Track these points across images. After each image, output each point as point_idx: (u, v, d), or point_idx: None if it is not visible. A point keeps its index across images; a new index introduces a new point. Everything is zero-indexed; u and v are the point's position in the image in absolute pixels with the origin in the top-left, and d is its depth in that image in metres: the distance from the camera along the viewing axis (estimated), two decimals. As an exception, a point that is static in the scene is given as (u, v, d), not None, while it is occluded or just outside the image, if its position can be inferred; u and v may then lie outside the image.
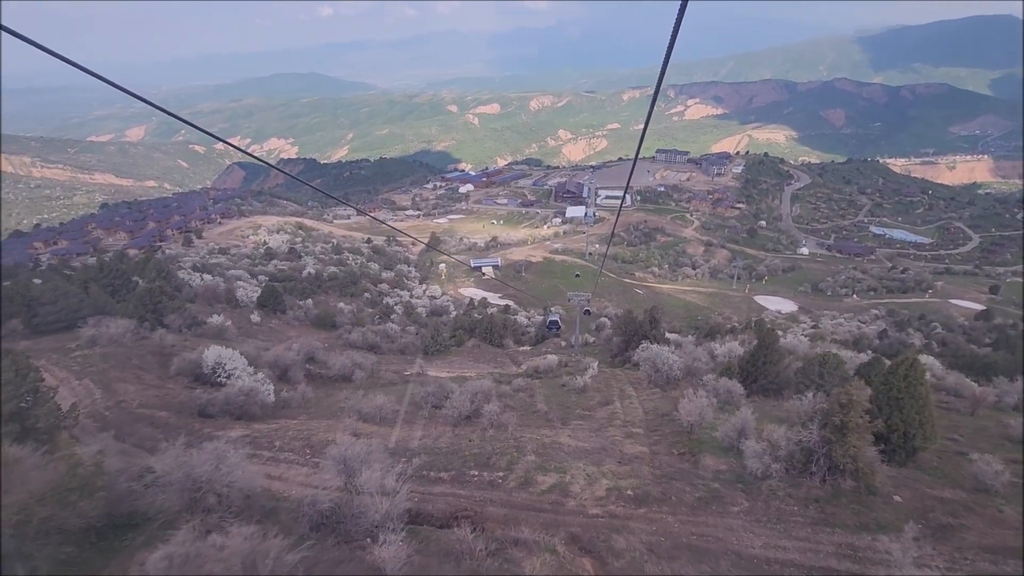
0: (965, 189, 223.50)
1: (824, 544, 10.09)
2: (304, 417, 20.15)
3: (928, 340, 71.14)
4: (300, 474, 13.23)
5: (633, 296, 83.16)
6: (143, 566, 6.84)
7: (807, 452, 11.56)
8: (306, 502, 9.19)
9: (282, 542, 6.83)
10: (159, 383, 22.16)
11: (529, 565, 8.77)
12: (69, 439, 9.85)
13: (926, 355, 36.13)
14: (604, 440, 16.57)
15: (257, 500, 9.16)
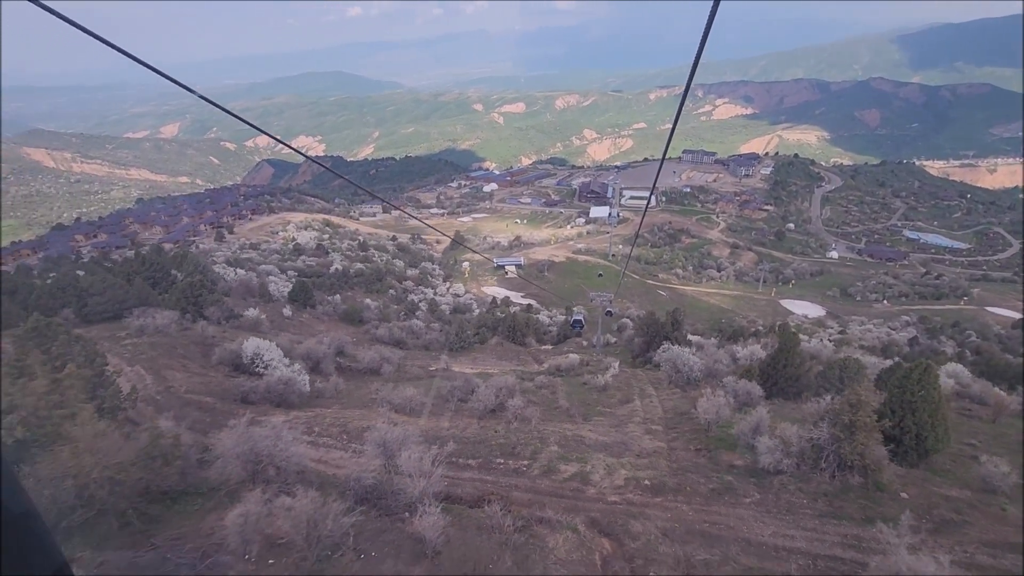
0: (1006, 193, 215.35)
1: (830, 535, 10.69)
2: (338, 407, 21.34)
3: (961, 348, 69.43)
4: (339, 457, 14.33)
5: (656, 298, 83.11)
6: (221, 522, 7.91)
7: (817, 449, 12.15)
8: (352, 478, 10.21)
9: (340, 506, 7.83)
10: (203, 371, 23.67)
11: (553, 541, 9.64)
12: (153, 413, 11.05)
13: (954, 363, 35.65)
14: (624, 435, 17.32)
15: (308, 475, 10.22)
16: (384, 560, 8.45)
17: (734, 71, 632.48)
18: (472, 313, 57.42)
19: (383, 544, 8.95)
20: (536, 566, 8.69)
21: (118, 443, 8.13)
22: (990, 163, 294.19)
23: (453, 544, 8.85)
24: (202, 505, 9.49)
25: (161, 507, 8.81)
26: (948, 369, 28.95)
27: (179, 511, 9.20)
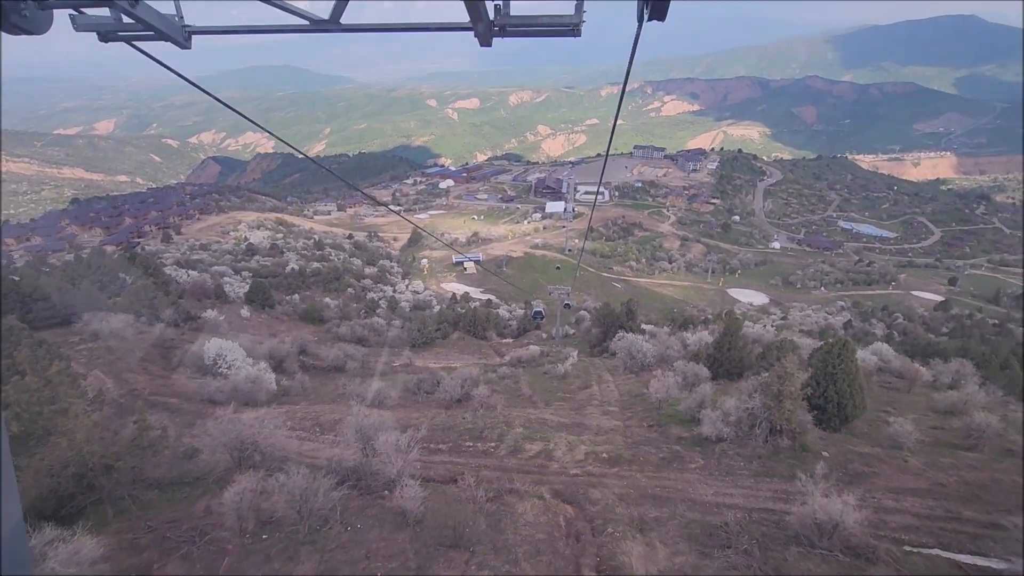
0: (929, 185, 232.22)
1: (763, 491, 12.20)
2: (306, 403, 21.72)
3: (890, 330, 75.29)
4: (315, 448, 14.92)
5: (612, 290, 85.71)
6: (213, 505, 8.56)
7: (752, 417, 13.69)
8: (333, 460, 10.95)
9: (328, 482, 8.61)
10: (165, 374, 23.50)
11: (521, 508, 10.69)
12: (141, 406, 11.41)
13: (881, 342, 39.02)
14: (583, 417, 18.58)
15: (292, 461, 10.88)
16: (370, 530, 9.28)
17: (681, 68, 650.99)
18: (432, 309, 57.89)
19: (367, 518, 9.78)
20: (508, 528, 9.72)
21: (112, 434, 8.61)
22: (914, 157, 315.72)
23: (432, 514, 9.76)
24: (191, 492, 10.02)
25: (153, 494, 9.33)
26: (874, 348, 31.74)
27: (170, 498, 9.71)
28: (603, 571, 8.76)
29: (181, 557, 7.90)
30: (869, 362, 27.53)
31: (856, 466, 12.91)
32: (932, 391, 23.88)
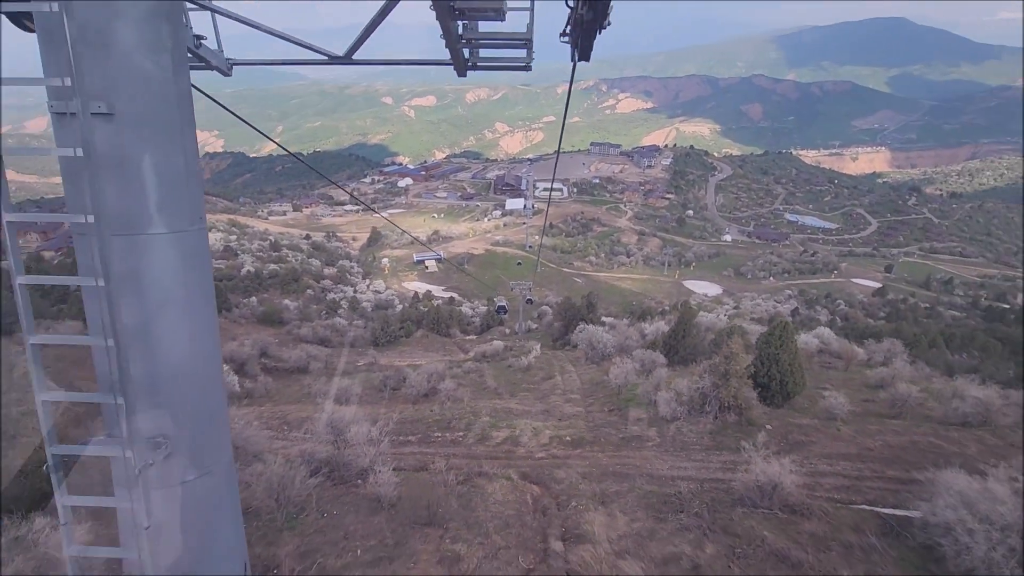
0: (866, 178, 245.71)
1: (713, 463, 13.21)
2: (271, 404, 21.66)
3: (833, 315, 79.75)
4: (283, 445, 15.06)
5: (572, 285, 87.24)
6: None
7: (703, 396, 14.73)
8: (306, 453, 11.25)
9: (304, 470, 8.98)
10: (120, 380, 22.87)
11: (491, 488, 11.28)
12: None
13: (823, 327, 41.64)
14: (547, 404, 19.34)
15: (266, 454, 11.11)
16: (346, 515, 9.67)
17: (634, 66, 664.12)
18: (395, 309, 57.68)
19: (343, 505, 10.15)
20: (479, 506, 10.30)
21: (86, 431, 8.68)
22: (853, 152, 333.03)
23: (405, 498, 10.22)
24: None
25: (128, 492, 9.45)
26: (816, 332, 33.81)
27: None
28: (568, 538, 9.46)
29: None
30: (811, 345, 29.47)
31: (795, 436, 14.11)
32: (866, 368, 25.85)
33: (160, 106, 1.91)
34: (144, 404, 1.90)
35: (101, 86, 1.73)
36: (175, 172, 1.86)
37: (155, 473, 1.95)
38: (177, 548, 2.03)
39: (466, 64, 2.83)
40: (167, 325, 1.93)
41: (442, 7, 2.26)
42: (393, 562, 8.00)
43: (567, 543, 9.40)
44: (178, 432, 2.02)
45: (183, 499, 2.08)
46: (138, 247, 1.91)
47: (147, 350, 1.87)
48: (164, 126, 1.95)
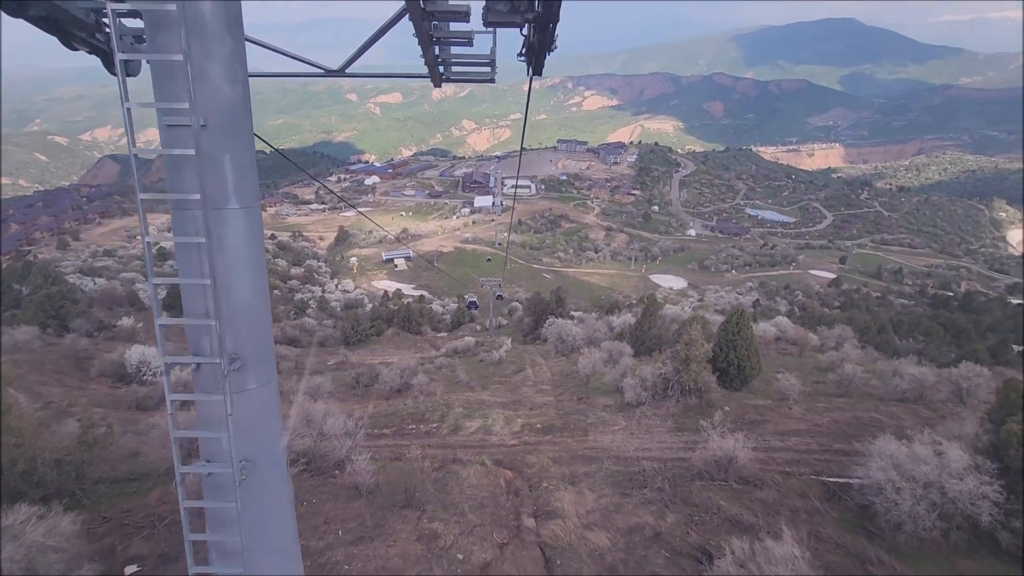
0: (821, 174, 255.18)
1: (676, 443, 13.97)
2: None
3: (791, 305, 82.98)
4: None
5: (542, 281, 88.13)
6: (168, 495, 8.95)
7: (666, 381, 15.51)
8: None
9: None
10: (82, 385, 22.31)
11: (465, 473, 11.73)
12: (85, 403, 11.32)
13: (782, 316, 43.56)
14: (518, 395, 19.87)
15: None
16: (325, 503, 9.99)
17: (598, 64, 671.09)
18: (365, 308, 57.31)
19: (322, 493, 10.45)
20: (454, 490, 10.74)
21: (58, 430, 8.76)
22: (809, 148, 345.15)
23: (383, 484, 10.59)
24: (140, 487, 10.22)
25: (103, 488, 9.53)
26: (774, 321, 35.48)
27: (119, 493, 9.89)
28: (539, 515, 10.01)
29: (144, 538, 8.29)
30: (769, 332, 30.94)
31: (751, 415, 15.04)
32: (818, 353, 27.35)
33: (235, 119, 2.59)
34: (226, 327, 2.40)
35: (202, 107, 2.13)
36: (244, 165, 2.42)
37: (233, 379, 2.46)
38: (246, 434, 2.55)
39: (441, 77, 3.29)
40: (239, 273, 2.44)
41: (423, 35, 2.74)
42: (373, 541, 8.38)
43: (539, 520, 9.95)
44: (246, 351, 2.53)
45: (249, 401, 2.59)
46: (222, 217, 2.39)
47: (228, 290, 2.39)
48: (237, 133, 2.62)
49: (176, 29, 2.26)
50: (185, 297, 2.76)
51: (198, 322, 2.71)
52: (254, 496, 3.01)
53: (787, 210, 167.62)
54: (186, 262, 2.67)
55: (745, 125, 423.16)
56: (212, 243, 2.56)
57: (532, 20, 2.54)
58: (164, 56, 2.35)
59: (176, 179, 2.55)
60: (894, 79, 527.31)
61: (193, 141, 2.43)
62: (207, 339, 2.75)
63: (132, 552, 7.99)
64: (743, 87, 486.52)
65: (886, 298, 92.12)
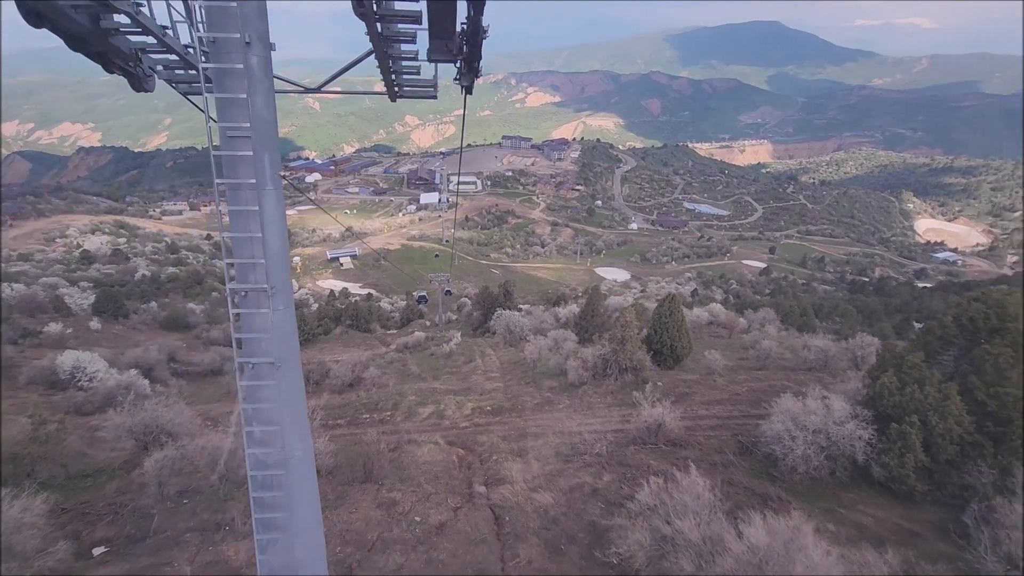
0: (752, 169, 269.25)
1: (614, 417, 15.23)
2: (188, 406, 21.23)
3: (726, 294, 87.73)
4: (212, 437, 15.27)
5: (490, 276, 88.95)
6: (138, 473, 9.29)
7: (605, 361, 16.79)
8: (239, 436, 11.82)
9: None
10: (11, 393, 21.28)
11: (420, 452, 12.48)
12: (37, 401, 11.23)
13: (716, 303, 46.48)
14: (469, 383, 20.70)
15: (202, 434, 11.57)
16: (286, 485, 10.50)
17: (541, 61, 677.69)
18: (311, 307, 56.30)
19: (281, 477, 10.94)
20: (410, 466, 11.49)
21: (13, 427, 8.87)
22: (740, 144, 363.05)
23: (342, 465, 11.19)
24: (95, 481, 10.38)
25: (59, 482, 9.68)
26: (708, 307, 37.98)
27: (73, 488, 10.02)
28: (489, 483, 10.93)
29: (107, 524, 8.59)
30: (703, 317, 33.18)
31: (681, 389, 16.55)
32: (745, 334, 29.77)
33: (269, 129, 3.30)
34: (268, 265, 3.16)
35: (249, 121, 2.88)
36: (274, 162, 3.10)
37: (270, 300, 3.20)
38: (278, 339, 3.31)
39: (396, 94, 4.12)
40: (272, 231, 3.19)
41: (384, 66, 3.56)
42: (336, 509, 9.04)
43: (489, 486, 10.87)
44: (277, 282, 3.36)
45: (279, 316, 3.39)
46: (263, 195, 3.08)
47: (267, 241, 3.12)
48: (270, 140, 3.32)
49: (241, 78, 3.17)
50: (236, 247, 3.58)
51: (251, 261, 3.53)
52: (285, 390, 3.87)
53: (721, 204, 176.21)
54: (239, 226, 3.52)
55: (681, 122, 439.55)
56: (261, 212, 3.42)
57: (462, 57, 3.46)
58: (232, 95, 3.25)
59: (233, 170, 3.27)
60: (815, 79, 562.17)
61: (251, 146, 3.31)
62: (253, 274, 3.58)
63: (98, 536, 8.29)
64: (679, 85, 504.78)
65: (810, 284, 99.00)
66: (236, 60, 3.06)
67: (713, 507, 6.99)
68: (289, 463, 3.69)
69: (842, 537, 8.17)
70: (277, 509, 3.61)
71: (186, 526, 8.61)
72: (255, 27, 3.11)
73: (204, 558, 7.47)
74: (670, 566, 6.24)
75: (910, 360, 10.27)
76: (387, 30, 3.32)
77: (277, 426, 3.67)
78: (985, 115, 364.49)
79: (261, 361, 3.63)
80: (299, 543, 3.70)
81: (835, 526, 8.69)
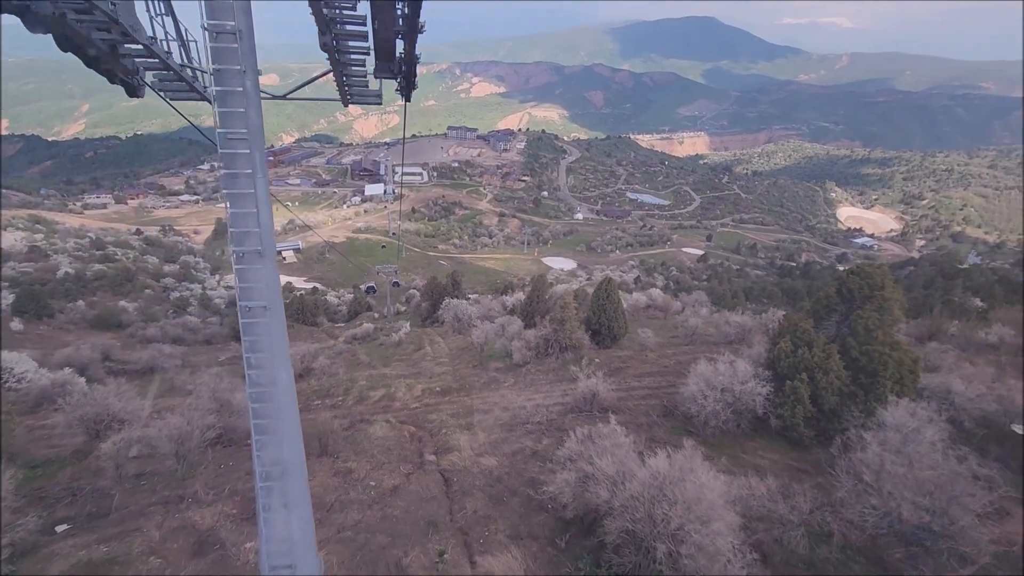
0: (690, 160, 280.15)
1: (556, 391, 16.42)
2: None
3: (667, 280, 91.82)
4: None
5: (438, 267, 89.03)
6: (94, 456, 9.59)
7: (547, 341, 17.95)
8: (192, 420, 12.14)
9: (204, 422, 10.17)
10: (-70, 398, 20.22)
11: (372, 430, 13.19)
12: None
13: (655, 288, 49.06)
14: (418, 368, 21.42)
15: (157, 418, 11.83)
16: (242, 464, 10.98)
17: (485, 51, 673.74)
18: (253, 302, 54.87)
19: (237, 459, 11.37)
20: (364, 441, 12.20)
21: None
22: (679, 136, 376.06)
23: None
24: (46, 471, 10.52)
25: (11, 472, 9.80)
26: (647, 292, 40.12)
27: (24, 477, 10.14)
28: (439, 452, 11.82)
29: (67, 505, 8.89)
30: (641, 301, 35.16)
31: (616, 364, 17.96)
32: (678, 315, 31.92)
33: (258, 132, 3.92)
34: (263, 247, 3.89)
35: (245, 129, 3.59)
36: (262, 155, 3.80)
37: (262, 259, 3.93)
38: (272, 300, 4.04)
39: (347, 100, 4.92)
40: (264, 208, 3.91)
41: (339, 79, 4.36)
42: (296, 479, 9.67)
43: (439, 455, 11.77)
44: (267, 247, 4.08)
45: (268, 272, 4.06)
46: (257, 180, 3.78)
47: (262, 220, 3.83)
48: (259, 139, 3.91)
49: (239, 97, 3.96)
50: (235, 220, 4.23)
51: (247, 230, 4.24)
52: (273, 328, 4.60)
53: (662, 193, 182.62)
54: (238, 205, 4.20)
55: (624, 114, 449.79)
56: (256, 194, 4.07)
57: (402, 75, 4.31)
58: (232, 109, 4.01)
59: (232, 162, 3.95)
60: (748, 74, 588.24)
61: (247, 145, 4.04)
62: (248, 240, 4.26)
63: (58, 516, 8.61)
64: (621, 78, 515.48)
65: (743, 270, 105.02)
66: (236, 85, 3.84)
67: (627, 448, 8.19)
68: (276, 383, 4.48)
69: (741, 475, 9.63)
70: (268, 417, 4.40)
71: (148, 502, 9.03)
72: (249, 61, 3.89)
73: (171, 524, 7.98)
74: (591, 496, 7.36)
75: (802, 327, 11.93)
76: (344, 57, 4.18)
77: (268, 353, 4.43)
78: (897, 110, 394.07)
79: (256, 304, 4.33)
80: (285, 444, 4.51)
81: (737, 468, 10.16)
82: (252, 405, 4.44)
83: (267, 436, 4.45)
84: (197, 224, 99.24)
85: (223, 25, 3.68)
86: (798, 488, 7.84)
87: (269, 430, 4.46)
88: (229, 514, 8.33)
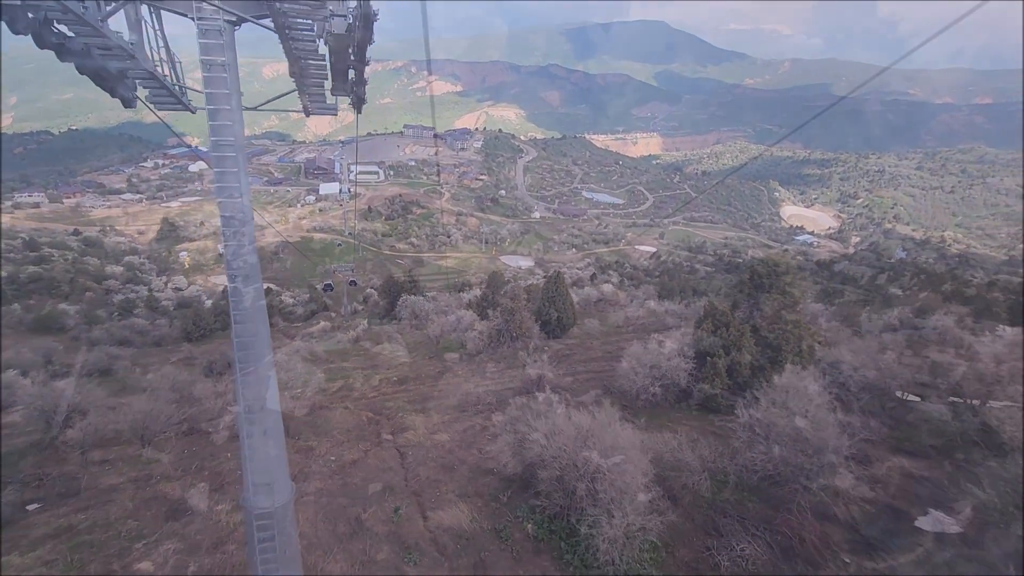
0: (644, 160, 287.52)
1: (506, 378, 17.51)
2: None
3: (621, 277, 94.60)
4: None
5: (396, 266, 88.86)
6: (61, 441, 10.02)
7: (499, 332, 19.02)
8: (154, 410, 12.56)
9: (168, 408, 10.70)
10: None
11: (333, 416, 13.93)
12: None
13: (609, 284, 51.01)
14: (376, 361, 22.11)
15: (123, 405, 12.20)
16: (206, 447, 11.56)
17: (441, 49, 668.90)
18: (204, 304, 53.63)
19: (201, 445, 11.93)
20: (324, 425, 12.95)
21: None
22: (633, 137, 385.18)
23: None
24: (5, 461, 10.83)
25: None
26: (599, 288, 41.90)
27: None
28: (395, 432, 12.70)
29: (35, 488, 9.33)
30: (592, 295, 36.82)
31: (564, 352, 19.23)
32: (626, 308, 33.69)
33: (240, 139, 4.67)
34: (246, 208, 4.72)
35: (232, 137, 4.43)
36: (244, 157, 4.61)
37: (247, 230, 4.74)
38: None
39: (308, 112, 5.81)
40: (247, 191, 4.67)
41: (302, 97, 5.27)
42: (260, 456, 10.36)
43: (395, 434, 12.66)
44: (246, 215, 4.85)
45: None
46: (240, 177, 4.56)
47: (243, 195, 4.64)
48: (241, 145, 4.67)
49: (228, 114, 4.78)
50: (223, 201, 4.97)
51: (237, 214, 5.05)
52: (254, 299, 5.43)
53: (617, 193, 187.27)
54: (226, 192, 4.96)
55: (579, 114, 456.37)
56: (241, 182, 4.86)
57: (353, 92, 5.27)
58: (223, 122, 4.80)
59: (220, 159, 4.73)
60: (697, 77, 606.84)
61: (234, 146, 4.79)
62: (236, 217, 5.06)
63: (28, 497, 9.05)
64: (576, 79, 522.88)
65: (693, 266, 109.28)
66: (224, 104, 4.67)
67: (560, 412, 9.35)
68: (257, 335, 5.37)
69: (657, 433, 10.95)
70: (251, 362, 5.27)
71: (116, 482, 9.56)
72: (234, 86, 4.75)
73: (144, 495, 8.59)
74: (527, 452, 8.47)
75: (721, 310, 13.44)
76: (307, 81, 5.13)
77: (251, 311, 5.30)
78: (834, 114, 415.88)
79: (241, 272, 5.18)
80: (264, 383, 5.41)
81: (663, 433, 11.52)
82: (237, 352, 5.30)
83: (250, 377, 5.33)
84: (140, 224, 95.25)
85: (215, 60, 4.57)
86: (703, 441, 9.20)
87: (251, 372, 5.33)
88: (198, 486, 8.99)
